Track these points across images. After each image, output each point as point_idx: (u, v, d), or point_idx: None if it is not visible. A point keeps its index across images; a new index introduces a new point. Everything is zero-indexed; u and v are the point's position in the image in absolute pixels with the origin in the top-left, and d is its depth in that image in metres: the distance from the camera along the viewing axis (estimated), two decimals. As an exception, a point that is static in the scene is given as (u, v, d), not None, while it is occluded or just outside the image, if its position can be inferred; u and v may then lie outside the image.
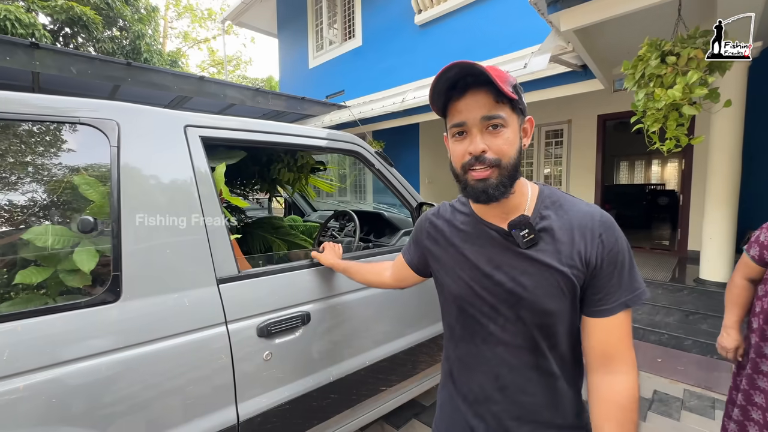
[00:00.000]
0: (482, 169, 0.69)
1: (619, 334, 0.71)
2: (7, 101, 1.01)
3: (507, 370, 0.76)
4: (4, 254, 1.00)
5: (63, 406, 0.92)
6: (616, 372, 0.70)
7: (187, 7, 17.48)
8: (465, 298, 0.79)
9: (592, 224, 0.71)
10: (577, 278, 0.70)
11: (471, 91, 0.68)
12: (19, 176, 1.04)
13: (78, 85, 3.77)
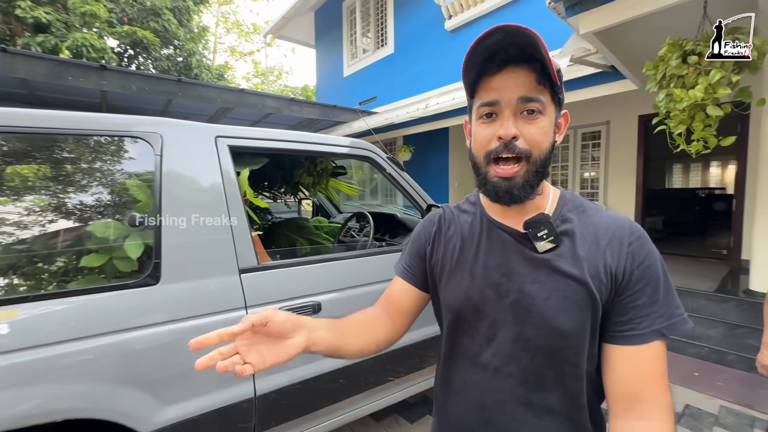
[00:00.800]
0: (509, 162, 0.58)
1: (651, 368, 0.56)
2: (80, 120, 1.26)
3: (493, 402, 0.63)
4: (73, 243, 1.24)
5: (112, 367, 1.13)
6: (645, 419, 0.56)
7: (235, 23, 18.76)
8: (460, 312, 0.67)
9: (621, 232, 0.60)
10: (600, 293, 0.58)
11: (511, 66, 0.57)
12: (86, 179, 1.28)
13: (138, 99, 4.26)
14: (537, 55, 0.54)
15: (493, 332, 0.63)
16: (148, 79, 3.82)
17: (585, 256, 0.59)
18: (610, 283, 0.58)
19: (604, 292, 0.58)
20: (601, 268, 0.58)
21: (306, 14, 9.40)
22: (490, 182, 0.61)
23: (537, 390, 0.60)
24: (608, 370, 0.59)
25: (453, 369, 0.69)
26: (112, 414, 1.12)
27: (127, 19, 6.12)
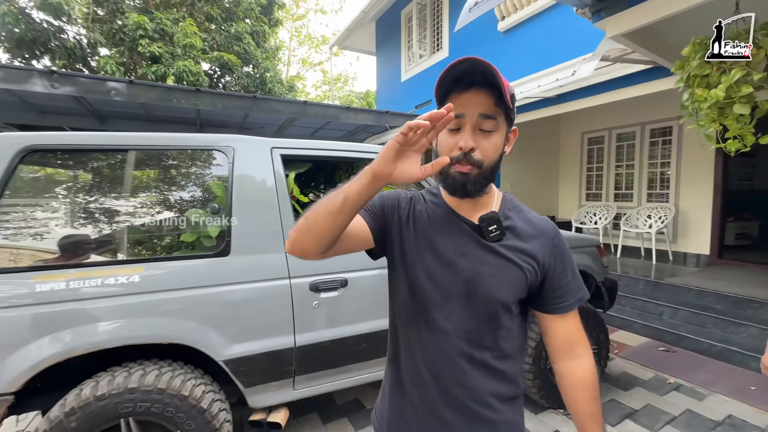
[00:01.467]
0: (465, 164, 0.71)
1: (577, 324, 0.81)
2: (181, 138, 1.79)
3: (442, 357, 0.77)
4: (176, 226, 1.77)
5: (197, 311, 1.62)
6: (578, 356, 0.80)
7: (307, 36, 20.31)
8: (419, 283, 0.78)
9: (547, 230, 0.80)
10: (530, 274, 0.76)
11: (475, 88, 0.69)
12: (185, 180, 1.81)
13: (223, 114, 5.10)
14: (496, 82, 0.67)
15: (447, 301, 0.76)
16: (230, 97, 4.61)
17: (522, 246, 0.77)
18: (538, 268, 0.77)
19: (534, 274, 0.77)
20: (532, 256, 0.77)
21: (368, 25, 9.98)
22: (450, 177, 0.73)
23: (478, 348, 0.76)
24: (551, 331, 0.82)
25: (411, 331, 0.81)
26: (197, 344, 1.61)
27: (216, 46, 7.31)
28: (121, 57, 7.08)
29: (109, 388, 1.46)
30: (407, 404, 0.82)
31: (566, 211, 6.90)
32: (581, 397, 0.79)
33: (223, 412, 1.66)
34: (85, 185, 1.73)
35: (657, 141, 5.54)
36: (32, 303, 1.43)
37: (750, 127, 1.97)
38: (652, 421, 2.30)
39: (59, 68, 7.62)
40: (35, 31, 6.49)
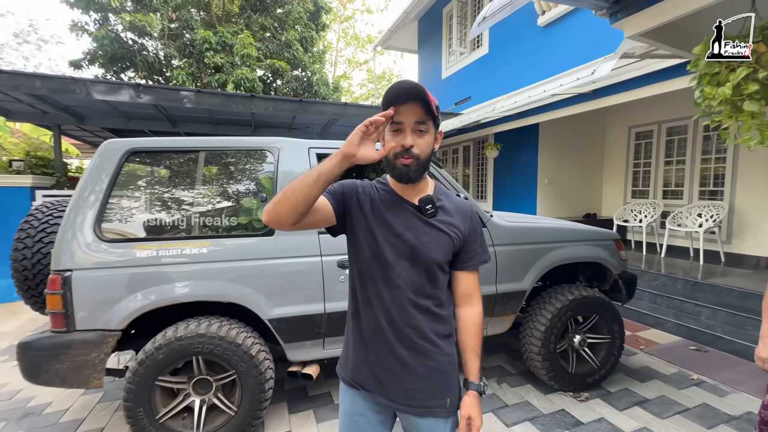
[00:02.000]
0: (407, 158, 0.94)
1: (477, 280, 1.09)
2: (239, 141, 2.22)
3: (395, 307, 0.99)
4: (235, 211, 2.21)
5: (249, 278, 2.04)
6: (473, 304, 1.08)
7: (354, 36, 20.92)
8: (377, 250, 1.00)
9: (466, 209, 1.07)
10: (455, 241, 1.02)
11: (411, 102, 0.91)
12: (241, 175, 2.25)
13: (274, 116, 5.68)
14: (425, 98, 0.91)
15: (398, 262, 0.99)
16: (279, 101, 5.15)
17: (449, 221, 1.03)
18: (461, 236, 1.03)
19: (458, 241, 1.02)
20: (457, 228, 1.03)
21: (410, 24, 10.20)
22: (397, 168, 0.96)
23: (421, 297, 1.00)
24: (458, 283, 1.07)
25: (370, 289, 1.01)
26: (249, 304, 2.04)
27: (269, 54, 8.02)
28: (190, 68, 8.08)
29: (184, 332, 1.93)
30: (369, 349, 1.03)
31: (610, 208, 6.66)
32: (469, 334, 1.06)
33: (267, 360, 2.07)
34: (168, 178, 2.23)
35: (711, 135, 5.20)
36: (133, 265, 1.94)
37: (766, 123, 1.98)
38: (662, 410, 2.37)
39: (141, 79, 8.82)
40: (123, 49, 7.65)
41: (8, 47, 12.90)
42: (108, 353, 1.92)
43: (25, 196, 5.04)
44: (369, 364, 1.03)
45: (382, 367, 1.02)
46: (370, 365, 1.03)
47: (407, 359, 1.00)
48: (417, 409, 1.02)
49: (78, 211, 1.94)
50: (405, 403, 1.02)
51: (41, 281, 2.13)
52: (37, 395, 2.66)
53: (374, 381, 1.03)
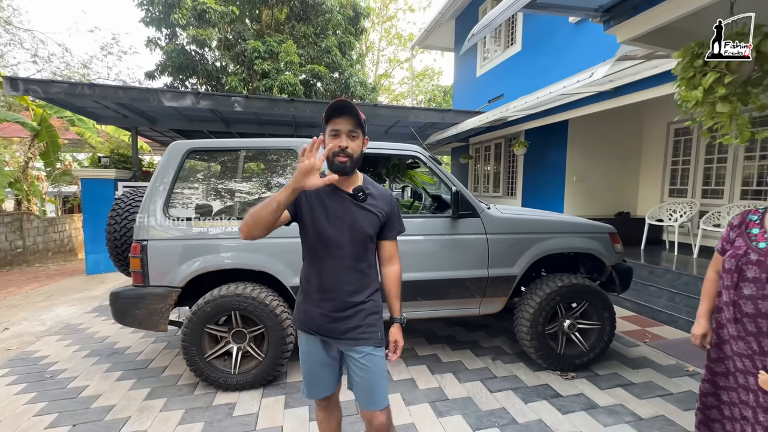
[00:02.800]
0: (343, 156, 1.25)
1: (395, 247, 1.46)
2: (272, 142, 2.73)
3: (338, 271, 1.33)
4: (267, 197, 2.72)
5: (275, 253, 2.54)
6: (393, 264, 1.46)
7: (396, 35, 21.30)
8: (323, 231, 1.31)
9: (387, 195, 1.43)
10: (381, 219, 1.36)
11: (345, 115, 1.24)
12: (274, 170, 2.75)
13: (311, 117, 6.26)
14: (356, 113, 1.26)
15: (339, 238, 1.32)
16: (316, 104, 5.72)
17: (376, 204, 1.37)
18: (384, 215, 1.38)
19: (383, 218, 1.37)
20: (382, 209, 1.37)
21: (446, 24, 10.37)
22: (335, 164, 1.27)
23: (358, 261, 1.35)
24: (383, 249, 1.44)
25: (317, 262, 1.35)
26: (275, 273, 2.53)
27: (310, 59, 8.70)
28: (242, 74, 9.02)
29: (226, 292, 2.47)
30: (318, 305, 1.36)
31: (646, 207, 6.44)
32: (391, 283, 1.45)
33: (288, 319, 2.56)
34: (217, 171, 2.80)
35: (755, 131, 4.91)
36: (191, 238, 2.51)
37: (746, 124, 2.10)
38: (644, 392, 2.53)
39: (202, 86, 9.93)
40: (187, 60, 8.74)
41: (96, 59, 14.96)
42: (171, 305, 2.51)
43: (110, 186, 6.09)
44: (319, 315, 1.36)
45: (329, 316, 1.35)
46: (321, 316, 1.36)
47: (347, 308, 1.35)
48: (356, 341, 1.36)
49: (152, 196, 2.55)
50: (347, 338, 1.36)
51: (126, 249, 2.79)
52: (120, 341, 3.40)
53: (324, 327, 1.36)
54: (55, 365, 2.96)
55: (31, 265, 8.20)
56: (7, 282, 6.22)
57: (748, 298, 1.47)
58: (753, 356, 1.46)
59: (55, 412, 2.32)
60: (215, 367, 2.52)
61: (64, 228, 10.59)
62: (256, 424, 2.18)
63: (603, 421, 2.21)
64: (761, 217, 1.59)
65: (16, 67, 13.94)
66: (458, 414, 2.28)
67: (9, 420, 2.24)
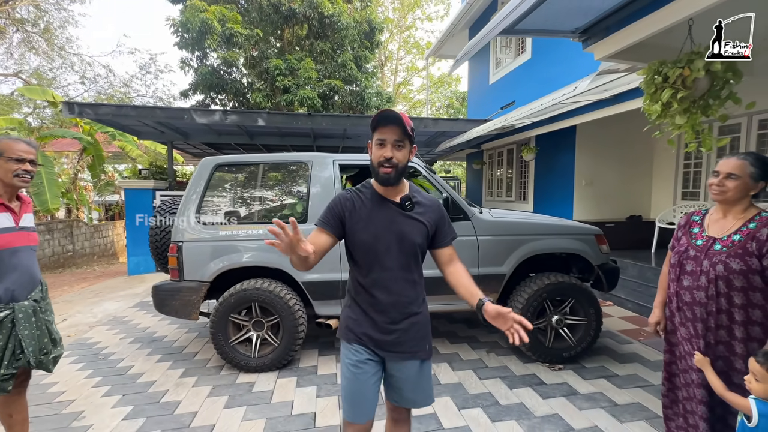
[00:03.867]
0: (388, 167, 1.23)
1: (452, 250, 1.40)
2: (286, 156, 3.14)
3: (389, 283, 1.30)
4: (283, 204, 3.11)
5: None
6: (455, 263, 1.39)
7: (414, 44, 21.74)
8: (371, 243, 1.28)
9: (435, 203, 1.40)
10: (429, 228, 1.33)
11: (391, 124, 1.22)
12: (290, 181, 3.16)
13: (328, 130, 6.71)
14: (402, 123, 1.22)
15: (388, 250, 1.29)
16: (331, 118, 6.17)
17: (424, 212, 1.34)
18: (433, 224, 1.36)
19: (432, 227, 1.35)
20: (430, 218, 1.35)
21: (460, 33, 10.66)
22: (380, 175, 1.26)
23: (408, 271, 1.33)
24: (441, 255, 1.40)
25: (367, 274, 1.31)
26: (289, 270, 2.91)
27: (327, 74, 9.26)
28: (266, 90, 9.69)
29: (247, 286, 2.87)
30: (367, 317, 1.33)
31: (659, 211, 6.43)
32: (462, 276, 1.36)
33: (300, 311, 2.93)
34: (240, 182, 3.24)
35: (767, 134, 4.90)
36: (218, 240, 2.94)
37: (708, 134, 2.30)
38: (626, 383, 2.71)
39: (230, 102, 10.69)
40: (217, 78, 9.52)
41: (135, 78, 16.28)
42: (202, 297, 2.94)
43: (149, 196, 6.76)
44: (372, 327, 1.33)
45: (382, 328, 1.32)
46: (373, 328, 1.32)
47: (402, 319, 1.33)
48: (406, 354, 1.34)
49: (186, 204, 3.00)
50: (398, 351, 1.33)
51: (164, 249, 3.27)
52: (158, 331, 3.90)
53: (375, 340, 1.33)
54: (106, 349, 3.46)
55: (79, 267, 9.08)
56: (61, 281, 7.00)
57: (686, 289, 1.70)
58: (691, 339, 1.68)
59: (108, 384, 2.79)
60: (238, 351, 2.92)
61: (108, 233, 11.60)
62: (271, 399, 2.55)
63: (579, 406, 2.42)
64: (702, 217, 1.81)
65: (66, 89, 15.41)
66: (447, 396, 2.56)
67: (74, 390, 2.72)
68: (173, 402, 2.53)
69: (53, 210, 8.11)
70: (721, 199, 1.62)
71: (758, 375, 1.24)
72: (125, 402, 2.54)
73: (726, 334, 1.56)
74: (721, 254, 1.57)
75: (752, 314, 1.51)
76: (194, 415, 2.38)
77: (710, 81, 2.16)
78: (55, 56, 14.80)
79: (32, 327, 1.68)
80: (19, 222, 1.70)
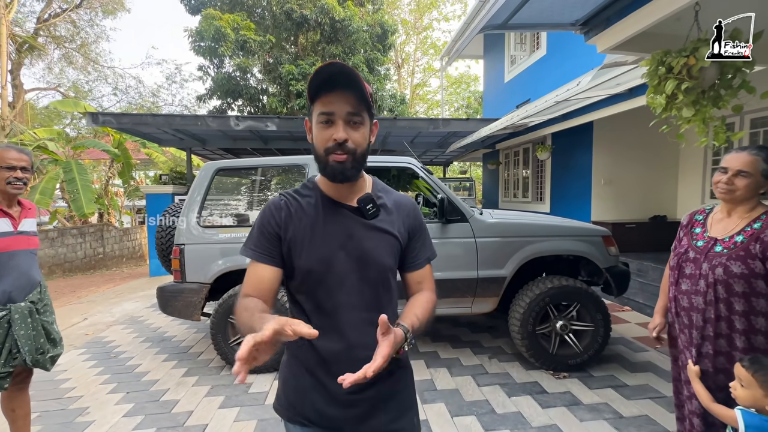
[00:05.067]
0: (340, 153, 0.81)
1: (428, 274, 0.97)
2: (285, 159, 3.18)
3: (351, 329, 0.86)
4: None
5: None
6: (423, 291, 0.95)
7: (431, 45, 21.62)
8: (317, 271, 0.85)
9: (408, 204, 0.96)
10: (402, 241, 0.92)
11: (340, 89, 0.79)
12: (284, 183, 3.19)
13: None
14: (358, 85, 0.79)
15: (343, 281, 0.85)
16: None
17: (393, 220, 0.92)
18: (405, 235, 0.93)
19: (404, 240, 0.93)
20: (401, 227, 0.93)
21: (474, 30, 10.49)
22: (329, 166, 0.82)
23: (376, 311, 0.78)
24: (408, 281, 0.97)
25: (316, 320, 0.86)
26: (285, 272, 2.94)
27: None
28: (280, 95, 9.92)
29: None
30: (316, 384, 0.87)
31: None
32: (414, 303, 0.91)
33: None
34: (240, 185, 3.30)
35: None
36: (217, 242, 3.00)
37: (721, 127, 2.14)
38: (635, 393, 2.54)
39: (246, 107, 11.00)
40: (233, 84, 9.83)
41: (162, 88, 17.08)
42: (203, 298, 3.01)
43: (168, 200, 7.03)
44: (318, 395, 0.88)
45: (338, 400, 0.87)
46: (325, 399, 0.88)
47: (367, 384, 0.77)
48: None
49: (189, 208, 3.09)
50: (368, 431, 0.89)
51: (169, 251, 3.38)
52: (169, 331, 4.03)
53: (329, 416, 0.88)
54: (118, 348, 3.61)
55: (109, 269, 9.57)
56: (90, 283, 7.39)
57: (684, 293, 1.58)
58: (689, 347, 1.56)
59: (115, 382, 2.90)
60: (236, 352, 2.96)
61: (136, 237, 12.16)
62: (265, 400, 2.57)
63: (581, 417, 2.30)
64: (705, 217, 1.68)
65: (101, 100, 16.35)
66: (441, 402, 2.49)
67: (83, 386, 2.85)
68: (172, 401, 2.60)
69: (89, 215, 8.59)
70: (729, 198, 1.50)
71: (744, 380, 1.14)
72: (128, 399, 2.63)
73: (726, 343, 1.43)
74: (722, 256, 1.45)
75: (755, 322, 1.38)
76: (189, 414, 2.43)
77: (718, 70, 2.01)
78: (91, 70, 15.75)
79: (28, 327, 1.76)
80: (18, 226, 1.79)
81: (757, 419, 1.10)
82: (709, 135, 2.19)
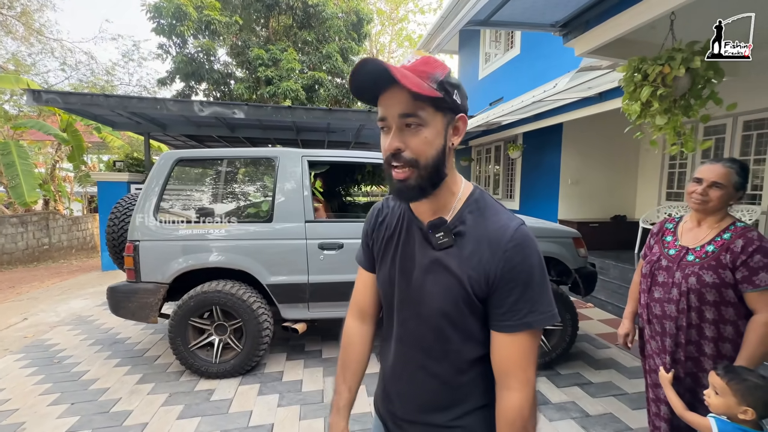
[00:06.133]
0: (400, 168, 0.67)
1: (518, 351, 0.67)
2: (256, 151, 2.97)
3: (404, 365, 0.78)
4: (246, 204, 2.95)
5: (255, 253, 2.78)
6: (508, 389, 0.68)
7: (406, 37, 21.43)
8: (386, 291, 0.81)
9: (501, 238, 0.68)
10: (472, 287, 0.68)
11: (392, 86, 0.65)
12: (251, 176, 2.99)
13: (309, 123, 6.51)
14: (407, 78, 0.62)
15: (401, 309, 0.77)
16: (313, 111, 5.97)
17: (467, 256, 0.69)
18: (483, 280, 0.68)
19: (477, 287, 0.68)
20: (477, 267, 0.68)
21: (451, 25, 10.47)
22: (392, 183, 0.70)
23: (428, 358, 0.74)
24: (492, 351, 0.71)
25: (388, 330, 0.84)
26: (253, 272, 2.76)
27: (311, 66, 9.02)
28: (248, 81, 9.43)
29: (208, 288, 2.72)
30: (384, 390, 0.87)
31: (645, 211, 6.40)
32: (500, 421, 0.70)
33: (264, 314, 2.78)
34: (202, 178, 3.06)
35: (752, 135, 4.85)
36: (177, 239, 2.77)
37: (690, 135, 2.20)
38: (599, 391, 2.63)
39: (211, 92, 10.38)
40: (196, 66, 9.21)
41: (118, 66, 15.76)
42: (161, 299, 2.78)
43: (123, 189, 6.51)
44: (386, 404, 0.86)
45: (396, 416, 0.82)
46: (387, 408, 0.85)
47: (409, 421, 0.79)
48: None
49: (145, 200, 2.83)
50: None
51: (122, 247, 3.09)
52: (122, 332, 3.72)
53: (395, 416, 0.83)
54: (63, 352, 3.29)
55: (56, 261, 8.79)
56: (32, 277, 6.74)
57: (657, 301, 1.60)
58: (660, 354, 1.59)
59: (58, 392, 2.62)
60: (198, 356, 2.77)
61: (87, 226, 11.25)
62: (229, 408, 2.41)
63: (550, 416, 2.33)
64: (675, 225, 1.71)
65: (46, 75, 14.87)
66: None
67: (19, 397, 2.55)
68: (124, 411, 2.38)
69: (30, 203, 7.79)
70: (702, 208, 1.52)
71: (718, 388, 1.16)
72: (72, 412, 2.39)
73: (695, 349, 1.46)
74: (694, 266, 1.47)
75: (723, 330, 1.41)
76: (143, 426, 2.23)
77: (691, 80, 2.05)
78: (34, 41, 14.23)
79: None
80: None
81: (730, 427, 1.11)
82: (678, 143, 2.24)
